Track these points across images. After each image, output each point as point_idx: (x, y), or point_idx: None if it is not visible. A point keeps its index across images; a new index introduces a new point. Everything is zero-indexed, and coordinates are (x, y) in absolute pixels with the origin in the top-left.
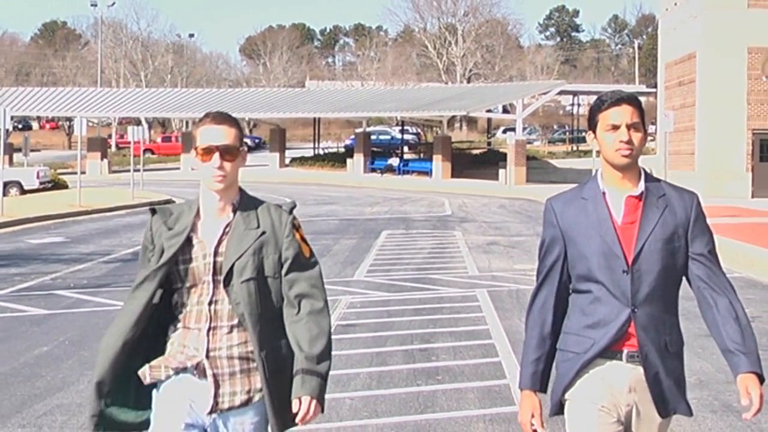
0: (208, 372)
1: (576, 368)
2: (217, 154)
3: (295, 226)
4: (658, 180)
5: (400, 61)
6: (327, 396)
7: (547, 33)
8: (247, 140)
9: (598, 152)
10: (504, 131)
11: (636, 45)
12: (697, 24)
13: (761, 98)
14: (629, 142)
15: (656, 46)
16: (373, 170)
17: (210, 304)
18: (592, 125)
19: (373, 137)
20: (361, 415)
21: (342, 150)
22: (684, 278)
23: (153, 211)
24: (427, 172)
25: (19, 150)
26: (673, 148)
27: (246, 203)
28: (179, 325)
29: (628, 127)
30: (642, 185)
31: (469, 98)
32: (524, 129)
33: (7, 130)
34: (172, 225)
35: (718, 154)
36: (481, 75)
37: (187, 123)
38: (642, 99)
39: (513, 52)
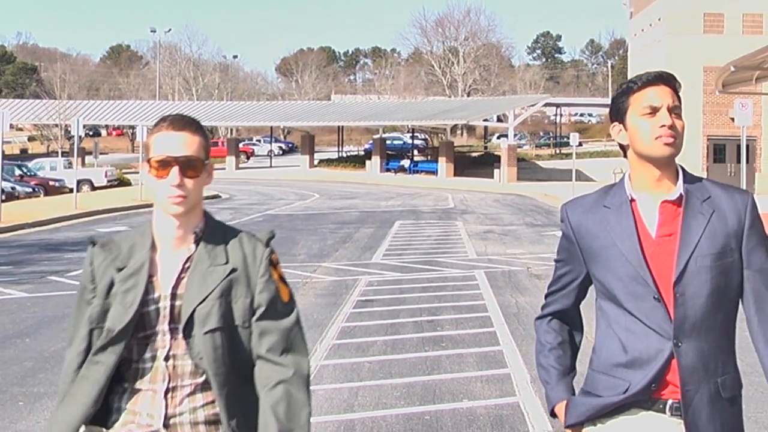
0: None
1: (599, 409)
2: (175, 169)
3: (273, 263)
4: (700, 179)
5: (411, 78)
6: (349, 360)
7: (534, 54)
8: (281, 144)
9: (625, 148)
10: (498, 137)
11: (609, 64)
12: (660, 47)
13: (715, 110)
14: (672, 127)
15: (626, 66)
16: (388, 170)
17: (167, 359)
18: (620, 113)
19: (388, 142)
20: (377, 376)
21: (362, 153)
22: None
23: (93, 243)
24: (434, 172)
25: (90, 153)
26: None
27: (212, 232)
28: (126, 385)
29: (670, 110)
30: (680, 186)
31: (469, 109)
32: (515, 135)
33: (80, 137)
34: (125, 261)
35: (678, 156)
36: (479, 90)
37: (231, 131)
38: None
39: (506, 71)
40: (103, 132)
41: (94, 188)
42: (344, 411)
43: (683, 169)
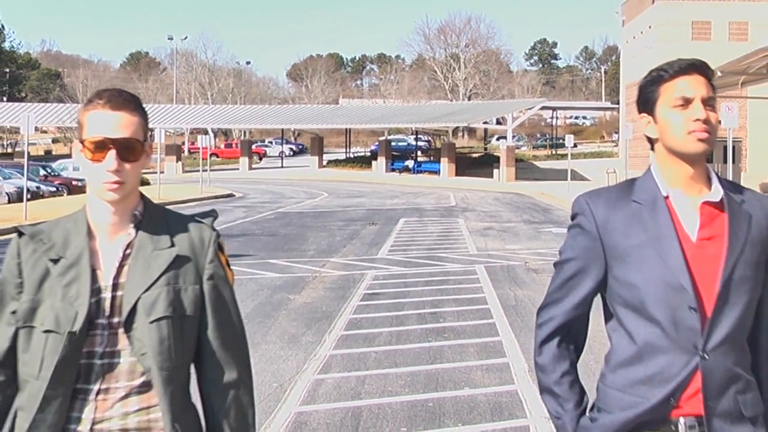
0: None
1: (615, 429)
2: (112, 152)
3: (220, 246)
4: (725, 178)
5: (415, 83)
6: (357, 350)
7: (532, 60)
8: (292, 146)
9: (653, 141)
10: (497, 139)
11: (603, 70)
12: (651, 53)
13: None
14: (707, 121)
15: (619, 71)
16: (393, 170)
17: (102, 357)
18: (649, 104)
19: (393, 144)
20: (383, 365)
21: (368, 154)
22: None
23: (19, 233)
24: (436, 172)
25: None
26: (632, 152)
27: (152, 215)
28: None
29: (704, 102)
30: (718, 188)
31: (470, 113)
32: (514, 137)
33: None
34: (60, 252)
35: None
36: (479, 94)
37: (244, 133)
38: (606, 114)
39: (504, 76)
40: None
41: None
42: (352, 398)
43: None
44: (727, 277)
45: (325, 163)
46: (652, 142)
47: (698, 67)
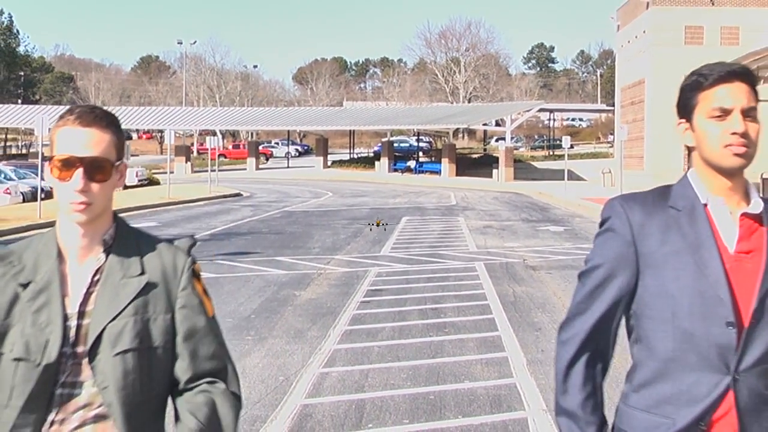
0: None
1: None
2: (79, 171)
3: (195, 274)
4: (763, 198)
5: (417, 86)
6: (360, 344)
7: (530, 64)
8: (298, 147)
9: (691, 149)
10: (496, 140)
11: (598, 73)
12: (645, 57)
13: None
14: (745, 135)
15: (614, 74)
16: (396, 170)
17: (63, 386)
18: (687, 110)
19: (395, 145)
20: (386, 359)
21: (371, 154)
22: None
23: None
24: (437, 172)
25: None
26: (627, 153)
27: (124, 239)
28: None
29: (744, 113)
30: (758, 201)
31: (470, 115)
32: (512, 138)
33: None
34: (30, 276)
35: (661, 157)
36: (479, 96)
37: (252, 134)
38: (602, 115)
39: (503, 79)
40: (134, 135)
41: (125, 187)
42: (356, 391)
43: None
44: (764, 294)
45: (329, 163)
46: (689, 148)
47: (740, 74)
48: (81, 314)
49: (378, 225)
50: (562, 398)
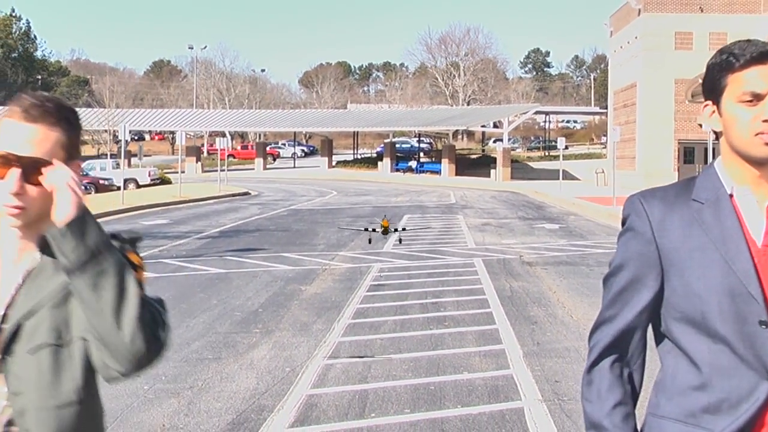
0: None
1: None
2: (15, 171)
3: (134, 265)
4: None
5: (418, 89)
6: (364, 337)
7: (526, 68)
8: (304, 147)
9: (718, 133)
10: (494, 141)
11: (592, 77)
12: (637, 62)
13: (685, 117)
14: None
15: (607, 78)
16: (398, 170)
17: None
18: (715, 92)
19: (397, 146)
20: (388, 351)
21: (374, 155)
22: None
23: None
24: (438, 172)
25: (135, 155)
26: (620, 154)
27: None
28: None
29: None
30: None
31: (469, 117)
32: (509, 139)
33: (127, 141)
34: None
35: (652, 158)
36: (478, 99)
37: (259, 135)
38: (595, 118)
39: (501, 83)
40: (147, 137)
41: (139, 186)
42: (359, 382)
43: None
44: None
45: (334, 163)
46: (716, 133)
47: None
48: (4, 317)
49: (385, 230)
50: (589, 408)
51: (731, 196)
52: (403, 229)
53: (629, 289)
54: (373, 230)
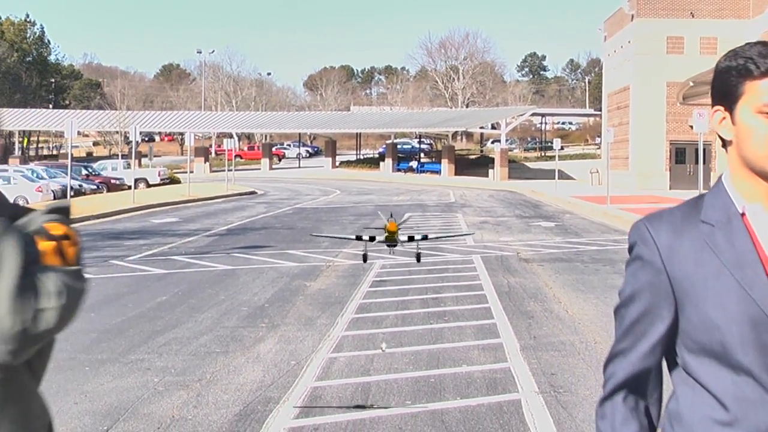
0: None
1: None
2: None
3: (50, 235)
4: None
5: (418, 92)
6: (366, 331)
7: (523, 72)
8: (308, 148)
9: (727, 142)
10: (492, 142)
11: (587, 80)
12: (630, 65)
13: (676, 118)
14: None
15: (601, 81)
16: (399, 170)
17: None
18: (728, 98)
19: (399, 146)
20: (390, 345)
21: (377, 155)
22: None
23: None
24: (438, 172)
25: (145, 156)
26: (613, 154)
27: None
28: None
29: None
30: None
31: (468, 119)
32: (507, 140)
33: (137, 142)
34: None
35: (645, 158)
36: (476, 102)
37: (266, 137)
38: (590, 119)
39: (499, 86)
40: (157, 138)
41: (149, 186)
42: (362, 375)
43: None
44: None
45: (337, 163)
46: (724, 141)
47: None
48: None
49: (391, 237)
50: None
51: (743, 215)
52: (425, 237)
53: (642, 321)
54: (370, 239)
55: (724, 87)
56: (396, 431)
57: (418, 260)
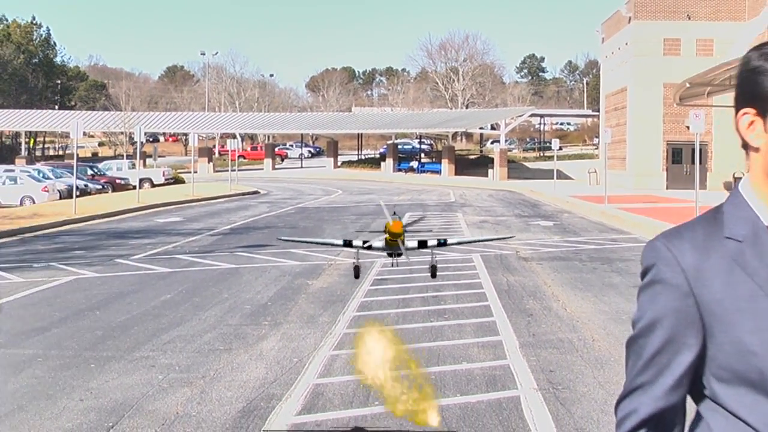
0: None
1: None
2: None
3: None
4: None
5: (419, 93)
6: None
7: (522, 73)
8: (310, 148)
9: (751, 148)
10: (492, 142)
11: (585, 82)
12: (627, 67)
13: (672, 119)
14: None
15: (599, 82)
16: (400, 170)
17: None
18: (759, 100)
19: (399, 147)
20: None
21: (378, 156)
22: None
23: None
24: (438, 172)
25: (150, 156)
26: (611, 154)
27: None
28: None
29: None
30: None
31: (467, 119)
32: (506, 141)
33: (142, 142)
34: None
35: (642, 158)
36: (476, 103)
37: (268, 137)
38: (588, 120)
39: (498, 87)
40: (161, 138)
41: (153, 185)
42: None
43: None
44: None
45: (339, 164)
46: (748, 146)
47: None
48: None
49: (392, 240)
50: None
51: None
52: (442, 243)
53: (666, 351)
54: (365, 245)
55: (757, 88)
56: (397, 427)
57: (433, 275)
